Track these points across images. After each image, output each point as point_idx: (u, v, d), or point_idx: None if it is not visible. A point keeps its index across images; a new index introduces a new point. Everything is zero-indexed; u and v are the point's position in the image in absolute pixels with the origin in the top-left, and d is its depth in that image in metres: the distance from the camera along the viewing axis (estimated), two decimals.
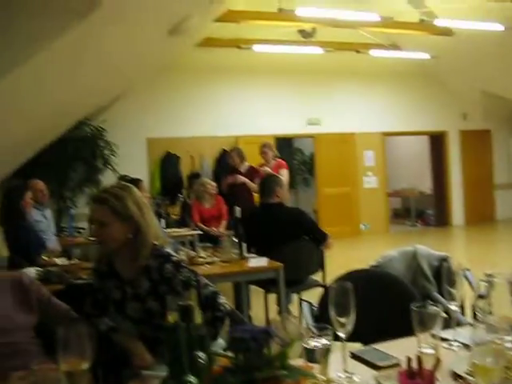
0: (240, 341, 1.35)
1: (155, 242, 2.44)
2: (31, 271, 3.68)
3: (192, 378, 1.04)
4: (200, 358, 1.22)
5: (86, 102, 7.39)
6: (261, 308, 5.18)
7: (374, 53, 10.64)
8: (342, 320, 1.68)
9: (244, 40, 9.65)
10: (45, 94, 4.91)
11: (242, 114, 10.90)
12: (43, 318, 2.38)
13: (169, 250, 2.51)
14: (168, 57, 9.08)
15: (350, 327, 1.69)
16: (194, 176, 9.76)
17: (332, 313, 1.68)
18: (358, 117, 11.94)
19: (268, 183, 4.97)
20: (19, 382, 1.90)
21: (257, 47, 9.77)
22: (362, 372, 1.73)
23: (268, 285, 4.65)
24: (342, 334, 1.69)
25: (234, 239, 4.23)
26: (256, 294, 5.66)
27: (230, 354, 1.38)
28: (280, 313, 4.62)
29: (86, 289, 2.65)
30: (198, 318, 1.25)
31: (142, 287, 2.40)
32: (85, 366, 1.37)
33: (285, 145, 12.56)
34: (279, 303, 4.60)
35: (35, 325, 2.34)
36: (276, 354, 1.41)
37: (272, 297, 4.89)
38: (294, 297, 5.34)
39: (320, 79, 11.42)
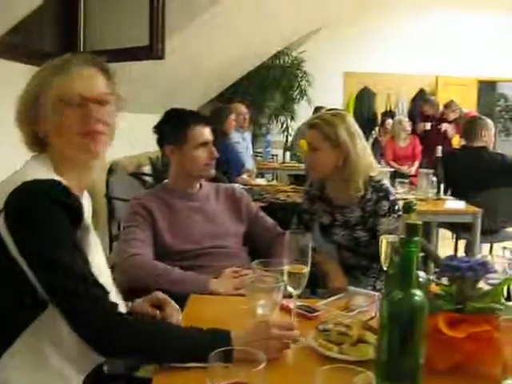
0: (456, 269, 1.37)
1: (372, 174, 2.44)
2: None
3: (418, 291, 1.10)
4: (421, 276, 1.27)
5: (289, 29, 7.49)
6: (445, 253, 5.04)
7: None
8: None
9: None
10: (259, 17, 5.16)
11: (444, 52, 10.25)
12: (250, 228, 2.54)
13: (388, 184, 2.50)
14: None
15: None
16: (389, 114, 9.60)
17: None
18: None
19: (474, 125, 4.63)
20: (233, 278, 2.12)
21: None
22: None
23: (459, 230, 4.52)
24: None
25: (432, 178, 4.13)
26: (441, 238, 5.52)
27: (443, 281, 1.41)
28: None
29: (290, 208, 2.80)
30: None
31: (352, 216, 2.46)
32: (306, 270, 1.50)
33: (487, 89, 11.72)
34: (467, 250, 4.45)
35: (243, 234, 2.53)
36: (490, 289, 1.41)
37: (460, 244, 4.74)
38: (484, 247, 5.12)
39: None
